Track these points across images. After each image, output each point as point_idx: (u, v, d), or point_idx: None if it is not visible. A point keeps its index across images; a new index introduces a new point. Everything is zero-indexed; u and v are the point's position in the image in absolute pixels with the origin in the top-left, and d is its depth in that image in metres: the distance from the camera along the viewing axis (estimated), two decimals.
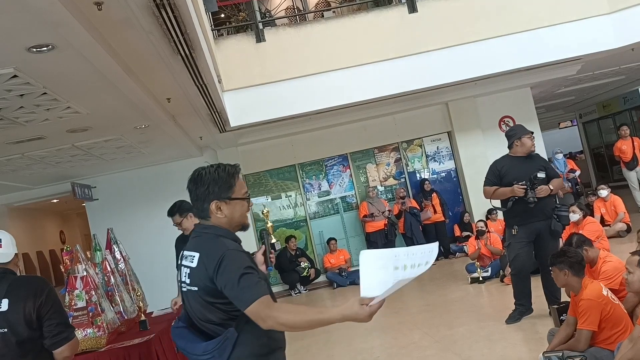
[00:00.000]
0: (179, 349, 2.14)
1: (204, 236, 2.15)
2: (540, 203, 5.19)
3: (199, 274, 2.06)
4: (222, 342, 2.01)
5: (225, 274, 1.99)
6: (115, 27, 3.58)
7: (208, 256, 2.05)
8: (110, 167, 8.94)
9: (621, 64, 10.59)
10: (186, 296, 2.14)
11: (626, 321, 3.61)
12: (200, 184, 2.16)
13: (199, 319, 2.09)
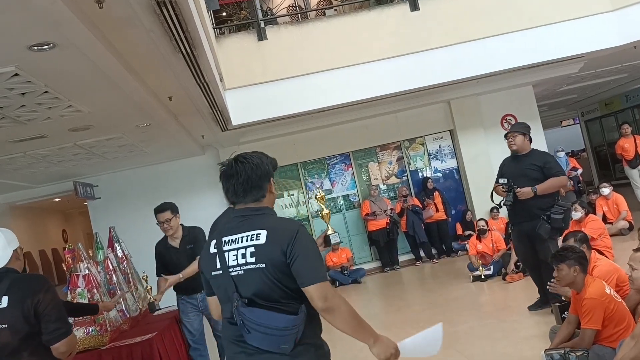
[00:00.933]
0: (255, 325, 2.01)
1: (263, 215, 2.15)
2: (524, 204, 5.19)
3: (268, 249, 2.05)
4: (303, 317, 2.03)
5: (299, 247, 2.03)
6: (117, 25, 3.58)
7: (281, 230, 2.08)
8: (112, 165, 8.96)
9: (623, 61, 10.56)
10: (244, 278, 2.07)
11: (629, 319, 3.60)
12: (259, 162, 2.18)
13: (262, 300, 2.04)
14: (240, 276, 2.08)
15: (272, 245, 2.05)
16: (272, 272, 2.03)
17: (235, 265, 2.09)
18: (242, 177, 2.15)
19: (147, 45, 4.04)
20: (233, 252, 2.11)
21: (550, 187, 5.17)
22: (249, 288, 2.07)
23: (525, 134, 5.41)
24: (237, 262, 2.09)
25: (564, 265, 3.77)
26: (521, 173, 5.30)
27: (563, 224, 5.18)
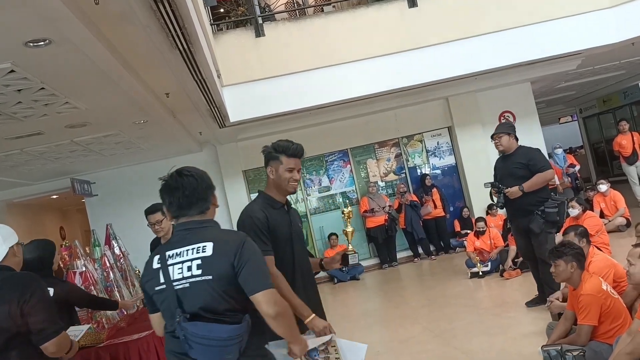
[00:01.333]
0: (198, 338, 2.02)
1: (207, 228, 2.18)
2: (516, 202, 5.27)
3: (215, 261, 2.06)
4: (246, 327, 2.05)
5: (246, 257, 2.07)
6: (113, 21, 3.56)
7: (228, 242, 2.11)
8: (109, 162, 8.94)
9: (621, 58, 10.56)
10: (188, 292, 2.07)
11: (625, 315, 3.61)
12: (202, 176, 2.24)
13: (207, 313, 2.06)
14: (186, 289, 2.08)
15: (219, 257, 2.07)
16: (218, 284, 2.05)
17: (181, 278, 2.08)
18: (187, 190, 2.18)
19: (144, 41, 4.02)
20: (178, 265, 2.10)
21: (536, 183, 5.20)
22: (194, 301, 2.06)
23: (510, 134, 5.45)
24: (183, 275, 2.08)
25: (561, 261, 3.77)
26: (508, 172, 5.38)
27: (558, 217, 5.19)
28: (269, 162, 2.81)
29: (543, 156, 5.52)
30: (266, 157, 2.83)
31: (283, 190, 2.82)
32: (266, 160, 2.83)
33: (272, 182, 2.82)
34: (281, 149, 2.78)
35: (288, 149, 2.78)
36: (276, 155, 2.78)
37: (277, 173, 2.78)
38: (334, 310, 7.21)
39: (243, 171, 10.15)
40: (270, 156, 2.80)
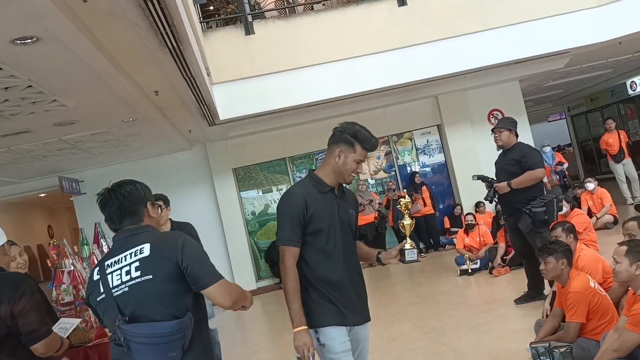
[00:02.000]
0: (139, 337, 2.00)
1: (143, 233, 2.17)
2: (505, 198, 5.30)
3: (155, 261, 2.06)
4: (187, 323, 2.04)
5: (191, 253, 2.09)
6: (101, 19, 3.54)
7: (165, 241, 2.14)
8: (98, 160, 8.88)
9: (609, 57, 10.66)
10: (128, 296, 2.05)
11: (612, 312, 3.65)
12: (132, 189, 2.23)
13: (146, 315, 2.03)
14: (125, 294, 2.06)
15: (159, 257, 2.07)
16: (159, 283, 2.04)
17: (120, 284, 2.08)
18: (115, 206, 2.20)
19: (133, 39, 4.00)
20: (117, 272, 2.10)
21: (525, 181, 5.19)
22: (133, 303, 2.05)
23: (511, 130, 5.44)
24: (122, 281, 2.08)
25: (551, 258, 3.81)
26: (502, 168, 5.43)
27: (546, 216, 5.16)
28: (339, 144, 2.61)
29: (537, 155, 5.50)
30: (338, 138, 2.63)
31: (340, 177, 2.64)
32: (336, 140, 2.63)
33: (331, 165, 2.62)
34: (361, 138, 2.62)
35: (367, 141, 2.63)
36: (352, 142, 2.60)
37: (344, 159, 2.59)
38: None
39: (233, 169, 10.13)
40: (345, 140, 2.61)
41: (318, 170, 2.68)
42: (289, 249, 2.53)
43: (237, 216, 9.95)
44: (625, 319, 3.17)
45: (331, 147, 2.65)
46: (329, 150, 2.66)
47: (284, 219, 2.54)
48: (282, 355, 5.55)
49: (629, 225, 3.89)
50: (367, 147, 2.64)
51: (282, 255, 2.55)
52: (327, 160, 2.66)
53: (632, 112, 15.21)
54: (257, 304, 9.17)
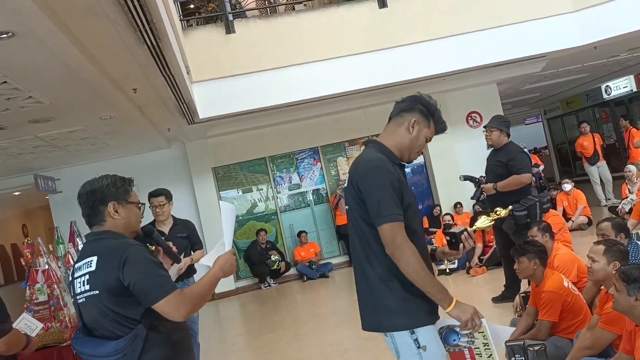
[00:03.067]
0: (86, 357, 2.04)
1: (100, 241, 2.13)
2: (491, 198, 5.36)
3: (100, 276, 2.02)
4: (132, 339, 1.97)
5: (133, 269, 1.99)
6: (79, 15, 3.49)
7: (109, 255, 2.04)
8: (74, 159, 8.76)
9: (584, 61, 10.85)
10: (84, 306, 2.07)
11: (585, 311, 3.72)
12: (97, 187, 2.17)
13: (99, 328, 2.03)
14: (83, 304, 2.08)
15: (103, 272, 2.02)
16: (105, 298, 2.00)
17: (80, 292, 2.09)
18: (87, 198, 2.18)
19: (111, 35, 3.96)
20: (78, 279, 2.11)
21: (510, 185, 5.23)
22: (88, 316, 2.06)
23: (502, 130, 5.45)
24: (81, 290, 2.09)
25: (524, 258, 3.88)
26: (490, 168, 5.45)
27: (528, 219, 5.20)
28: (414, 114, 2.31)
29: (525, 159, 5.47)
30: (413, 106, 2.34)
31: (406, 153, 2.33)
32: (411, 108, 2.33)
33: (401, 136, 2.31)
34: (437, 116, 2.38)
35: (441, 121, 2.40)
36: (428, 116, 2.34)
37: (418, 132, 2.31)
38: (303, 309, 7.23)
39: (212, 168, 10.07)
40: (422, 111, 2.33)
41: (383, 140, 2.33)
42: (398, 225, 2.08)
43: (216, 216, 9.85)
44: (597, 317, 3.23)
45: (403, 115, 2.32)
46: (399, 118, 2.33)
47: (384, 190, 2.09)
48: (259, 356, 5.54)
49: (603, 225, 3.97)
50: (439, 128, 2.37)
51: (391, 234, 2.06)
52: (395, 130, 2.32)
53: (607, 115, 15.52)
54: (235, 304, 9.13)
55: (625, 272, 2.77)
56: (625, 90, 14.61)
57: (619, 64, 12.31)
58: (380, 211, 2.09)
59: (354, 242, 2.28)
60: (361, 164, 2.26)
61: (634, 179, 8.85)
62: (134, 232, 2.24)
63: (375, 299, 2.20)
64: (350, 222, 2.29)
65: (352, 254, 2.35)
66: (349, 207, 2.28)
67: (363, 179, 2.18)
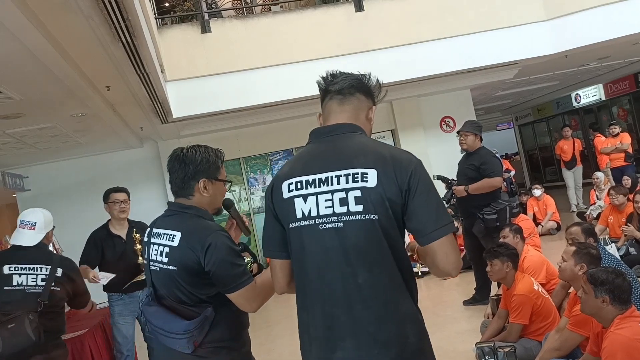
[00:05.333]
0: (153, 327, 2.04)
1: (184, 215, 2.13)
2: (462, 202, 5.45)
3: (181, 254, 2.03)
4: (202, 322, 2.00)
5: (215, 256, 2.00)
6: (52, 9, 3.42)
7: (194, 235, 2.04)
8: (44, 156, 8.57)
9: (555, 69, 11.08)
10: (157, 275, 2.10)
11: (554, 314, 3.80)
12: (191, 160, 2.15)
13: (172, 300, 2.05)
14: (157, 272, 2.11)
15: (184, 250, 2.03)
16: (182, 276, 2.02)
17: (155, 260, 2.11)
18: (178, 170, 2.17)
19: (85, 32, 3.88)
20: (155, 247, 2.12)
21: (481, 188, 5.33)
22: (161, 286, 2.09)
23: (477, 134, 5.55)
24: (156, 259, 2.11)
25: (497, 260, 3.94)
26: (462, 172, 5.54)
27: (498, 223, 5.29)
28: (369, 97, 1.96)
29: (497, 163, 5.57)
30: (363, 85, 1.94)
31: None
32: (365, 89, 1.94)
33: (363, 124, 1.89)
34: (378, 96, 2.03)
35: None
36: (373, 97, 1.99)
37: (372, 120, 1.97)
38: (274, 310, 7.22)
39: None
40: (371, 93, 1.98)
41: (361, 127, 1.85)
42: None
43: None
44: (566, 320, 3.31)
45: (358, 96, 1.89)
46: (355, 100, 1.87)
47: (437, 194, 1.72)
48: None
49: (573, 230, 4.06)
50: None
51: (453, 243, 1.68)
52: (356, 115, 1.86)
53: (576, 123, 15.87)
54: None
55: (593, 274, 2.84)
56: (595, 98, 14.98)
57: (588, 73, 12.62)
58: (443, 217, 1.66)
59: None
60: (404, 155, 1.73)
61: (601, 186, 9.07)
62: (216, 208, 2.26)
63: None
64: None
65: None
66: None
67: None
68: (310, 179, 1.70)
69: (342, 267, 1.64)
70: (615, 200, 6.50)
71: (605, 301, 2.75)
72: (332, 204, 1.65)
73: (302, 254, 1.72)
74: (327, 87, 1.87)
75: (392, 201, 1.62)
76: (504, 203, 5.40)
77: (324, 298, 1.66)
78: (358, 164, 1.66)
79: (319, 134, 1.82)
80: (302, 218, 1.70)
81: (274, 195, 1.82)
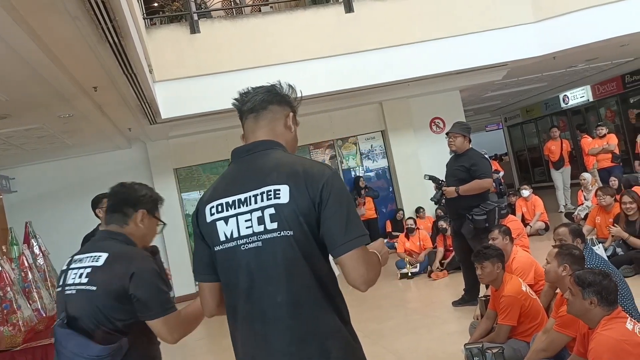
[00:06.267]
0: (63, 349, 1.96)
1: (113, 240, 2.10)
2: (451, 203, 5.46)
3: (104, 275, 1.98)
4: (116, 349, 1.94)
5: (140, 281, 1.97)
6: (39, 10, 3.39)
7: (121, 258, 2.01)
8: (31, 157, 8.49)
9: (544, 71, 11.16)
10: (71, 298, 2.02)
11: (542, 315, 3.81)
12: (136, 190, 2.18)
13: (87, 324, 1.97)
14: (71, 295, 2.03)
15: (109, 272, 1.98)
16: (101, 298, 1.96)
17: (72, 283, 2.05)
18: (119, 195, 2.18)
19: (72, 32, 3.85)
20: (75, 270, 2.07)
21: (472, 189, 5.34)
22: (75, 309, 2.01)
23: (465, 136, 5.55)
24: (74, 281, 2.04)
25: (487, 262, 3.94)
26: (452, 172, 5.55)
27: (487, 224, 5.29)
28: (285, 106, 1.90)
29: (487, 164, 5.59)
30: (277, 95, 1.91)
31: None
32: (279, 99, 1.90)
33: (285, 138, 1.84)
34: (297, 101, 2.03)
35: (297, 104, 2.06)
36: (293, 105, 1.97)
37: (295, 130, 1.93)
38: None
39: (174, 169, 9.92)
40: (288, 102, 1.93)
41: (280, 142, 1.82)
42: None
43: (178, 218, 9.74)
44: (553, 321, 3.32)
45: (271, 108, 1.84)
46: (269, 113, 1.83)
47: (351, 206, 1.68)
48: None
49: (560, 231, 4.07)
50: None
51: (371, 257, 1.75)
52: (272, 128, 1.82)
53: (564, 124, 15.99)
54: None
55: (580, 276, 2.85)
56: (582, 99, 15.10)
57: (576, 74, 12.72)
58: (360, 230, 1.66)
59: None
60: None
61: (589, 187, 9.14)
62: (144, 246, 2.23)
63: None
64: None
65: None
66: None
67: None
68: (230, 200, 1.71)
69: (265, 287, 1.64)
70: (603, 201, 6.55)
71: (593, 303, 2.76)
72: (252, 224, 1.65)
73: (229, 276, 1.71)
74: (241, 108, 1.86)
75: (306, 215, 1.61)
76: (493, 204, 5.41)
77: (252, 318, 1.66)
78: (271, 181, 1.65)
79: (239, 153, 1.82)
80: (225, 241, 1.70)
81: (199, 220, 1.80)
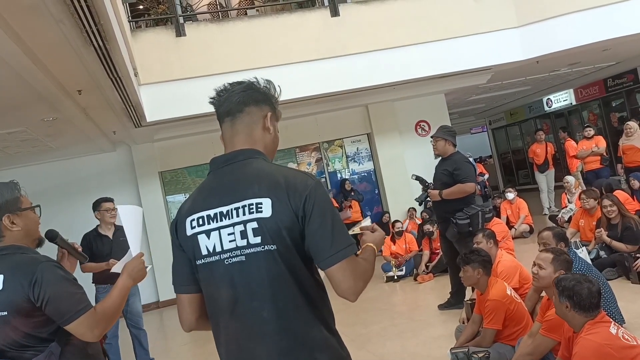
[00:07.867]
0: None
1: (3, 257, 2.00)
2: (436, 206, 5.53)
3: (8, 296, 1.91)
4: (47, 356, 1.90)
5: (45, 288, 1.90)
6: (22, 13, 3.35)
7: (17, 273, 1.93)
8: (13, 161, 8.37)
9: (527, 75, 11.28)
10: None
11: (527, 318, 3.85)
12: None
13: (10, 349, 1.92)
14: None
15: (11, 292, 1.91)
16: (14, 319, 1.91)
17: None
18: None
19: (56, 36, 3.81)
20: None
21: (455, 193, 5.37)
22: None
23: (447, 140, 5.58)
24: None
25: (468, 267, 3.99)
26: (437, 177, 5.60)
27: (470, 228, 5.32)
28: (263, 105, 1.91)
29: (470, 169, 5.59)
30: (255, 94, 1.94)
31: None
32: (256, 98, 1.92)
33: (262, 141, 1.86)
34: (277, 98, 2.04)
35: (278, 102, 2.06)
36: (273, 103, 1.98)
37: (275, 130, 1.95)
38: None
39: (159, 172, 9.85)
40: (267, 100, 1.95)
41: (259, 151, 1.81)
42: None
43: (163, 221, 9.67)
44: (539, 324, 3.35)
45: (248, 110, 1.84)
46: (246, 116, 1.84)
47: (336, 216, 1.64)
48: None
49: (544, 234, 4.12)
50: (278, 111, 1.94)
51: (360, 267, 1.70)
52: (250, 133, 1.82)
53: (548, 127, 16.17)
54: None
55: (559, 279, 2.91)
56: (565, 103, 15.29)
57: (559, 78, 12.88)
58: (346, 239, 1.63)
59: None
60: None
61: (572, 189, 9.23)
62: (35, 238, 2.13)
63: None
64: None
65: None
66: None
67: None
68: (212, 213, 1.66)
69: (249, 302, 1.60)
70: (586, 204, 6.62)
71: (568, 307, 2.81)
72: (235, 238, 1.61)
73: (213, 290, 1.66)
74: (218, 110, 1.84)
75: (290, 229, 1.57)
76: (477, 208, 5.44)
77: (237, 333, 1.62)
78: (252, 194, 1.62)
79: (217, 163, 1.79)
80: (207, 255, 1.65)
81: (178, 232, 1.74)
